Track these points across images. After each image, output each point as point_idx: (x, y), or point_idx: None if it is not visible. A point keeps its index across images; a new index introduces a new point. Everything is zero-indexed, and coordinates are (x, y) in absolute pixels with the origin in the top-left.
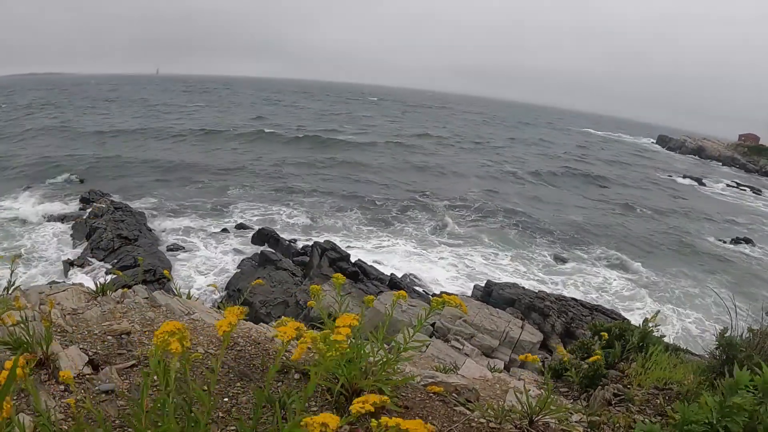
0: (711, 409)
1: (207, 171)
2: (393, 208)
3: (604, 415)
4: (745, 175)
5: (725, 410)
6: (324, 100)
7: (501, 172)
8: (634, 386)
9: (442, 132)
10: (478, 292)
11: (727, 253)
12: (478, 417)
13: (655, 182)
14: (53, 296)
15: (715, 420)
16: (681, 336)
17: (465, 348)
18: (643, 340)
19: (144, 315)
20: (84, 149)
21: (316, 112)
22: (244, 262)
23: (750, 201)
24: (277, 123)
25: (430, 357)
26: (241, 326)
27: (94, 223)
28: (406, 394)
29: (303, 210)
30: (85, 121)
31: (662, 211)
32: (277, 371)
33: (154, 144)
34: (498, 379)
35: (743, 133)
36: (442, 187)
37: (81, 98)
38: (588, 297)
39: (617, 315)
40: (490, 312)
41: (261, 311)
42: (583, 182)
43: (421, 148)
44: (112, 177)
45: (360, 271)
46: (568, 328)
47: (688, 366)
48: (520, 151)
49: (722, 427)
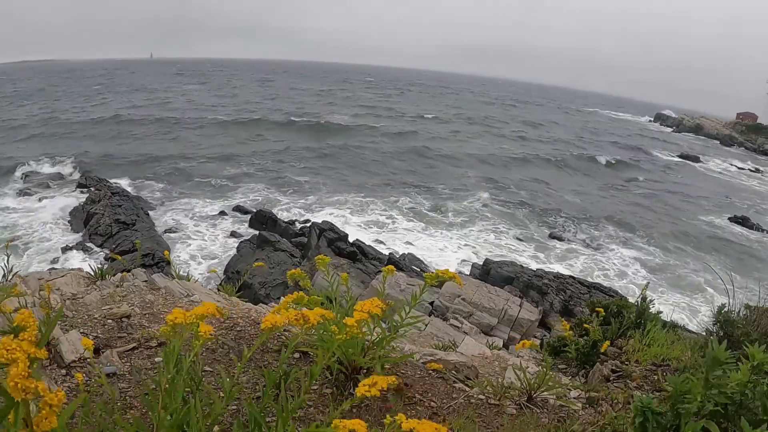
0: (697, 383)
1: (202, 156)
2: (393, 190)
3: (602, 390)
4: (743, 153)
5: (708, 385)
6: (322, 80)
7: (503, 155)
8: (632, 362)
9: (439, 113)
10: (477, 270)
11: (723, 232)
12: (478, 393)
13: (652, 161)
14: (53, 282)
15: (701, 397)
16: (678, 313)
17: (464, 326)
18: (640, 317)
19: (143, 298)
20: (82, 137)
21: (314, 93)
22: (242, 244)
23: (746, 180)
24: (274, 107)
25: (429, 335)
26: (240, 307)
27: (92, 209)
28: (405, 371)
29: (301, 193)
30: (83, 109)
31: (658, 190)
32: (276, 351)
33: (154, 130)
34: (497, 357)
35: (741, 112)
36: (440, 171)
37: (76, 86)
38: (585, 275)
39: (615, 292)
40: (489, 290)
41: (260, 292)
42: (585, 164)
43: (420, 129)
44: (109, 163)
45: (358, 250)
46: (567, 305)
47: (686, 342)
48: (525, 132)
49: (709, 401)
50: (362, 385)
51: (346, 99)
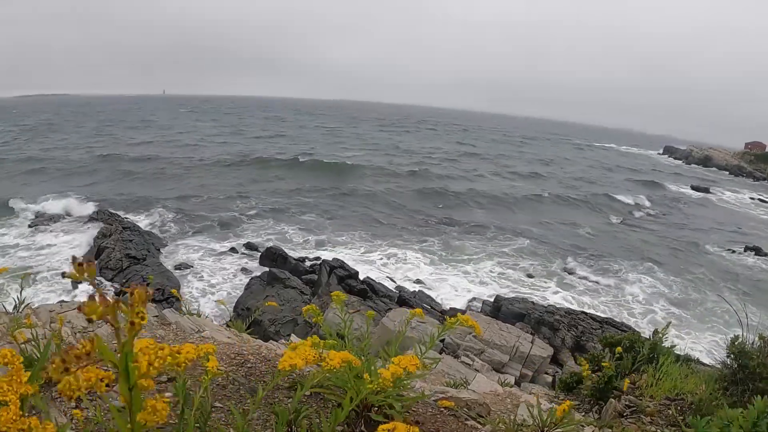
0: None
1: (213, 194)
2: (403, 226)
3: (616, 426)
4: (753, 183)
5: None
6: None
7: (516, 194)
8: (646, 397)
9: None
10: (488, 307)
11: (736, 264)
12: (490, 431)
13: (664, 194)
14: (63, 314)
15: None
16: (691, 346)
17: (475, 363)
18: (653, 351)
19: (154, 333)
20: (92, 172)
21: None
22: (252, 280)
23: (756, 210)
24: (282, 145)
25: (440, 373)
26: (251, 344)
27: (103, 243)
28: (417, 409)
29: (309, 231)
30: (94, 144)
31: (670, 223)
32: (287, 388)
33: (162, 166)
34: (509, 394)
35: (749, 142)
36: (452, 207)
37: (89, 120)
38: (604, 310)
39: (627, 327)
40: (500, 327)
41: (270, 329)
42: (601, 200)
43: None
44: (120, 199)
45: (369, 288)
46: (579, 341)
47: (700, 376)
48: (539, 169)
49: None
50: (382, 429)
51: (356, 137)
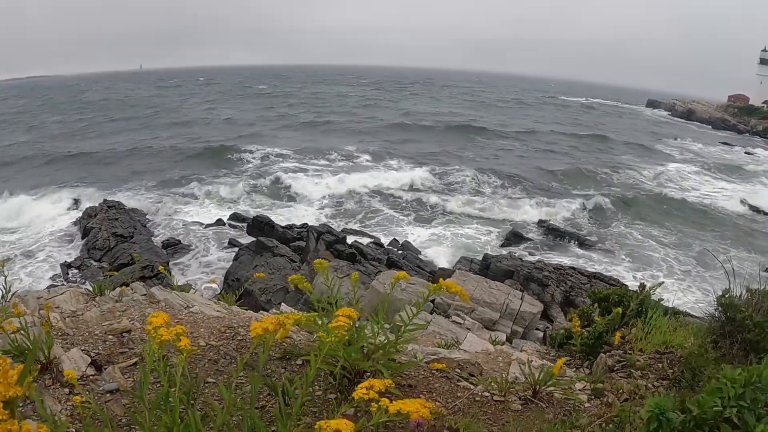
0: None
1: (195, 167)
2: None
3: (607, 381)
4: (736, 137)
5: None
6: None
7: (499, 156)
8: (636, 352)
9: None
10: (476, 265)
11: (722, 213)
12: (482, 391)
13: (647, 147)
14: (52, 300)
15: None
16: (679, 298)
17: (466, 322)
18: (642, 305)
19: (143, 311)
20: (75, 154)
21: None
22: (240, 251)
23: (741, 161)
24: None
25: (431, 333)
26: (241, 315)
27: (89, 223)
28: (408, 372)
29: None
30: (73, 124)
31: (650, 177)
32: (280, 358)
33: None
34: (500, 352)
35: (733, 94)
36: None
37: (64, 102)
38: (586, 263)
39: (615, 281)
40: (489, 285)
41: (261, 299)
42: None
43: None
44: (101, 176)
45: (357, 252)
46: (568, 296)
47: (689, 328)
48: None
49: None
50: (360, 388)
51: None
